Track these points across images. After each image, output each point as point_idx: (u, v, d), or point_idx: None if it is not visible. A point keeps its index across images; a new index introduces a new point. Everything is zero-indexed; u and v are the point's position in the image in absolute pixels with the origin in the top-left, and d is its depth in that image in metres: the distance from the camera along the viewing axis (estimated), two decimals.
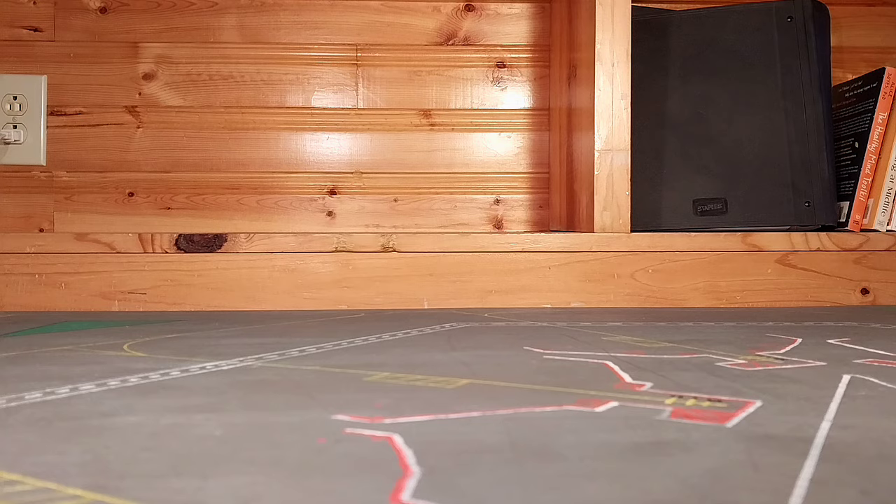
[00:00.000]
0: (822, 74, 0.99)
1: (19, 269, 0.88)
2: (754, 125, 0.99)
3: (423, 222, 1.19)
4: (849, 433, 0.31)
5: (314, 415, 0.34)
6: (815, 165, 0.97)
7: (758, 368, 0.46)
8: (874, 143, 1.03)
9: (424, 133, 1.20)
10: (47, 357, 0.52)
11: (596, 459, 0.27)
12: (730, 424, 0.32)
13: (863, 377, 0.43)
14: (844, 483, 0.24)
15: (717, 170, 1.00)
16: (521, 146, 1.21)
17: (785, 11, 0.99)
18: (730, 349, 0.54)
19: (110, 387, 0.41)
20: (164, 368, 0.46)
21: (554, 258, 0.90)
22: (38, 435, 0.31)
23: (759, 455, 0.27)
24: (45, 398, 0.38)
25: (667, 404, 0.36)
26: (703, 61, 1.01)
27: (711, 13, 1.04)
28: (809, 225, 0.97)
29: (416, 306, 0.89)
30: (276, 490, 0.24)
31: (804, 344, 0.58)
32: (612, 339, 0.61)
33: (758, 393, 0.38)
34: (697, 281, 0.91)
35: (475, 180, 1.20)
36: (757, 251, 0.92)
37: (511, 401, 0.37)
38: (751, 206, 0.99)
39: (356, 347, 0.55)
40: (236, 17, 1.16)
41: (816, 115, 0.98)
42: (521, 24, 1.21)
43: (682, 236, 0.92)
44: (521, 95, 1.21)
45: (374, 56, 1.19)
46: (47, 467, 0.26)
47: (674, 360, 0.50)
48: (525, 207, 1.21)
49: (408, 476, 0.25)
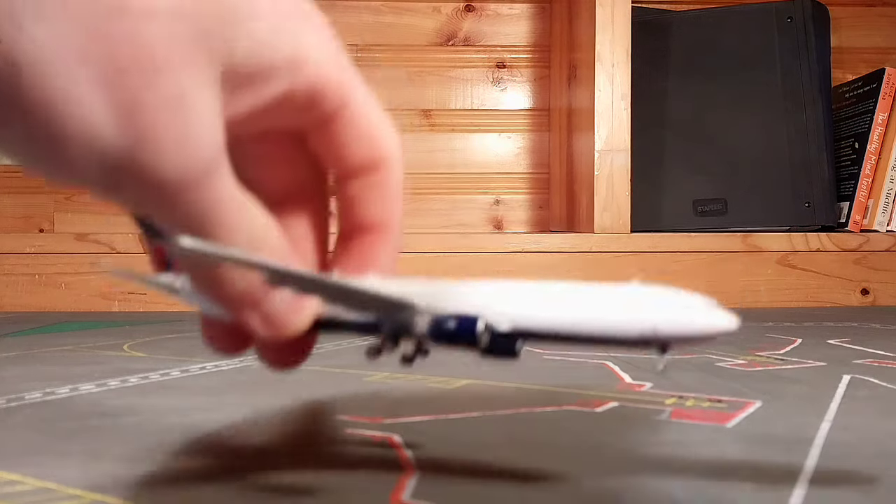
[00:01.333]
0: (822, 75, 0.99)
1: (19, 269, 0.88)
2: (754, 126, 0.99)
3: (423, 223, 1.19)
4: (849, 433, 0.31)
5: (314, 415, 0.34)
6: (815, 166, 0.97)
7: (758, 369, 0.46)
8: (874, 144, 1.03)
9: (424, 133, 1.20)
10: (47, 357, 0.52)
11: (596, 460, 0.27)
12: (730, 425, 0.32)
13: (863, 377, 0.43)
14: (844, 483, 0.24)
15: (717, 170, 1.00)
16: (521, 147, 1.21)
17: (785, 12, 0.99)
18: (730, 349, 0.54)
19: (110, 387, 0.41)
20: (164, 368, 0.46)
21: (554, 258, 0.90)
22: (38, 435, 0.31)
23: (759, 456, 0.27)
24: (45, 398, 0.38)
25: (667, 405, 0.36)
26: (703, 62, 1.01)
27: (711, 14, 1.04)
28: (809, 225, 0.97)
29: None
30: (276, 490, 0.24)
31: (804, 344, 0.58)
32: None
33: (758, 393, 0.38)
34: (697, 281, 0.91)
35: (475, 181, 1.20)
36: (757, 252, 0.92)
37: (511, 401, 0.37)
38: (751, 207, 0.99)
39: (356, 347, 0.55)
40: None
41: (816, 116, 0.98)
42: (521, 25, 1.21)
43: (682, 237, 0.92)
44: (521, 96, 1.21)
45: (374, 56, 1.19)
46: (47, 467, 0.26)
47: (674, 361, 0.50)
48: (525, 208, 1.21)
49: (408, 476, 0.25)
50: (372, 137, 0.23)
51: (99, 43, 0.16)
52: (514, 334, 0.20)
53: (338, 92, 0.22)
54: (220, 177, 0.19)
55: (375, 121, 0.23)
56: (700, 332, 0.19)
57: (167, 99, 0.17)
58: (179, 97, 0.17)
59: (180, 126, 0.17)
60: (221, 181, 0.19)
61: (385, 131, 0.23)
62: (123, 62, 0.16)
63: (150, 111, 0.17)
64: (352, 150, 0.23)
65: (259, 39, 0.19)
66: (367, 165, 0.23)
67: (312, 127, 0.22)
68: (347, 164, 0.23)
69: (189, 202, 0.18)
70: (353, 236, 0.24)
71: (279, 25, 0.20)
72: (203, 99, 0.18)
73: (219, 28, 0.18)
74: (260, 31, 0.19)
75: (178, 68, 0.17)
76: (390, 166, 0.23)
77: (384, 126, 0.23)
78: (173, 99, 0.17)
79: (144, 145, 0.17)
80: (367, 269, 0.23)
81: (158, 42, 0.17)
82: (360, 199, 0.23)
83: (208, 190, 0.18)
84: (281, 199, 0.24)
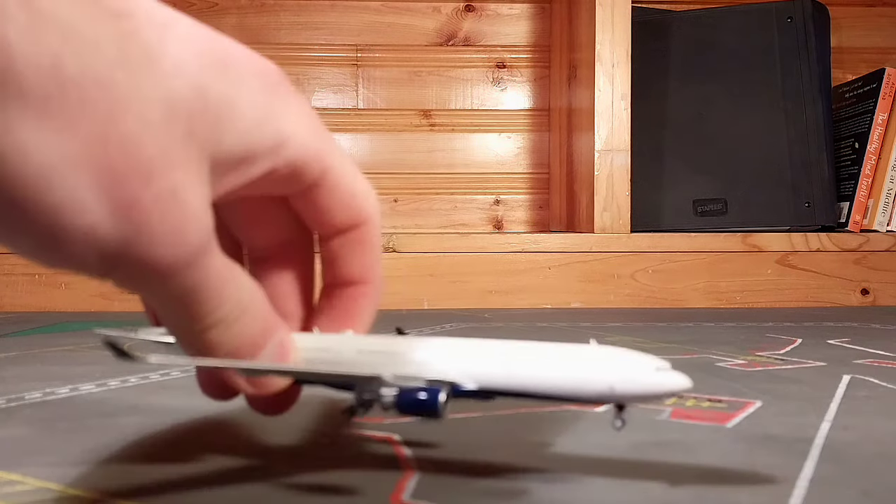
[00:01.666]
0: (822, 75, 0.99)
1: (19, 269, 0.88)
2: (754, 125, 0.99)
3: (423, 223, 1.19)
4: (849, 433, 0.31)
5: (314, 415, 0.34)
6: (815, 166, 0.97)
7: (758, 369, 0.46)
8: (874, 144, 1.03)
9: (424, 133, 1.20)
10: (47, 357, 0.52)
11: (596, 460, 0.27)
12: (730, 425, 0.32)
13: (863, 377, 0.43)
14: (844, 483, 0.24)
15: (717, 170, 1.00)
16: (521, 146, 1.21)
17: (785, 12, 0.99)
18: (730, 349, 0.54)
19: (110, 387, 0.41)
20: (164, 369, 0.46)
21: (554, 258, 0.90)
22: (38, 435, 0.31)
23: (759, 456, 0.27)
24: (45, 398, 0.38)
25: (667, 405, 0.36)
26: (703, 62, 1.01)
27: (711, 14, 1.04)
28: (809, 225, 0.97)
29: (416, 307, 0.89)
30: (276, 492, 0.24)
31: (804, 344, 0.58)
32: (613, 339, 0.61)
33: (758, 393, 0.38)
34: (697, 281, 0.91)
35: (475, 181, 1.20)
36: (757, 251, 0.92)
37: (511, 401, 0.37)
38: (751, 207, 0.99)
39: None
40: (236, 17, 1.16)
41: (816, 116, 0.98)
42: (521, 25, 1.21)
43: (682, 237, 0.92)
44: (521, 96, 1.21)
45: (375, 56, 1.19)
46: (47, 467, 0.26)
47: (674, 361, 0.50)
48: (525, 208, 1.21)
49: (408, 476, 0.25)
50: (352, 200, 0.24)
51: (98, 152, 0.17)
52: (480, 392, 0.22)
53: (318, 164, 0.23)
54: (209, 256, 0.20)
55: (354, 184, 0.24)
56: (653, 392, 0.20)
57: (160, 196, 0.18)
58: (171, 193, 0.18)
59: (172, 219, 0.18)
60: (210, 260, 0.20)
61: (364, 193, 0.25)
62: (121, 168, 0.18)
63: (144, 208, 0.18)
64: (333, 214, 0.24)
65: (243, 131, 0.20)
66: (348, 226, 0.25)
67: (295, 195, 0.24)
68: (329, 226, 0.25)
69: (180, 282, 0.19)
70: (335, 289, 0.26)
71: (261, 116, 0.21)
72: (193, 191, 0.19)
73: (206, 127, 0.19)
74: (244, 123, 0.20)
75: (171, 168, 0.18)
76: (370, 225, 0.25)
77: (363, 188, 0.25)
78: (166, 195, 0.18)
79: (139, 238, 0.18)
80: (349, 321, 0.26)
81: (153, 147, 0.18)
82: (341, 256, 0.25)
83: (197, 270, 0.20)
84: (268, 253, 0.26)
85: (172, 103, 0.18)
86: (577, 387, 0.21)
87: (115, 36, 0.18)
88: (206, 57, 0.20)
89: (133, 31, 0.18)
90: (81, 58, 0.17)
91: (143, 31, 0.18)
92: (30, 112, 0.17)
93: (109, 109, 0.17)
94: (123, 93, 0.18)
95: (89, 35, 0.17)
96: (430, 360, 0.22)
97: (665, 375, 0.20)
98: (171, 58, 0.19)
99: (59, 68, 0.17)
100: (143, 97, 0.18)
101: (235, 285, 0.21)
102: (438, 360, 0.22)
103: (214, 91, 0.20)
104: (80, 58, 0.17)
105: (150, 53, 0.18)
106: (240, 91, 0.20)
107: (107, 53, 0.17)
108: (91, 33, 0.17)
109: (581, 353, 0.21)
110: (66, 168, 0.17)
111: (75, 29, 0.17)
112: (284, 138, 0.22)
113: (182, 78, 0.19)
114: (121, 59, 0.18)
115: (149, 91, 0.18)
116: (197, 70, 0.19)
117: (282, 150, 0.22)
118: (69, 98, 0.17)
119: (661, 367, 0.21)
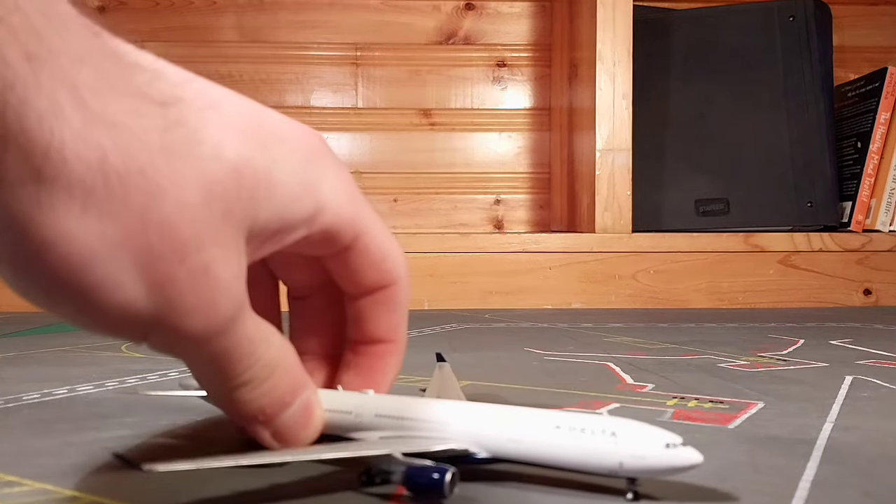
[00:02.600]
0: (824, 74, 0.98)
1: None
2: (756, 125, 0.99)
3: (423, 222, 1.19)
4: (851, 434, 0.30)
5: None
6: (818, 165, 0.97)
7: (760, 369, 0.46)
8: (877, 143, 1.03)
9: (424, 133, 1.19)
10: (45, 358, 0.52)
11: None
12: (732, 426, 0.32)
13: (865, 378, 0.43)
14: (847, 484, 0.24)
15: (718, 170, 1.00)
16: (521, 146, 1.21)
17: (787, 11, 0.98)
18: (732, 350, 0.54)
19: (108, 388, 0.41)
20: (162, 369, 0.46)
21: (555, 259, 0.90)
22: (36, 436, 0.31)
23: (761, 456, 0.27)
24: (43, 399, 0.38)
25: (668, 406, 0.35)
26: (705, 61, 1.01)
27: (713, 13, 1.03)
28: (812, 225, 0.97)
29: (417, 307, 0.89)
30: (276, 492, 0.24)
31: (806, 345, 0.57)
32: (614, 340, 0.61)
33: (760, 394, 0.38)
34: (699, 282, 0.91)
35: (475, 180, 1.20)
36: (759, 252, 0.92)
37: (512, 402, 0.36)
38: (753, 207, 0.98)
39: None
40: (235, 16, 1.16)
41: (818, 115, 0.97)
42: (521, 24, 1.21)
43: (683, 237, 0.92)
44: (521, 95, 1.21)
45: (374, 55, 1.18)
46: (46, 468, 0.26)
47: (675, 362, 0.50)
48: (526, 208, 1.20)
49: None
50: (382, 262, 0.26)
51: (136, 235, 0.18)
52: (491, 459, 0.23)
53: (351, 229, 0.24)
54: (241, 322, 0.21)
55: (385, 247, 0.26)
56: (662, 468, 0.21)
57: (193, 272, 0.19)
58: (204, 269, 0.19)
59: (204, 293, 0.19)
60: (242, 325, 0.21)
61: (394, 255, 0.26)
62: (157, 249, 0.19)
63: (178, 284, 0.19)
64: (363, 275, 0.26)
65: (280, 206, 0.21)
66: (377, 287, 0.26)
67: (328, 256, 0.25)
68: (359, 286, 0.26)
69: (211, 347, 0.21)
70: (361, 345, 0.27)
71: (299, 188, 0.22)
72: (226, 265, 0.20)
73: (243, 205, 0.20)
74: (281, 198, 0.21)
75: (206, 246, 0.19)
76: (398, 286, 0.26)
77: (393, 251, 0.26)
78: (199, 271, 0.19)
79: (172, 311, 0.19)
80: (372, 377, 0.27)
81: (189, 228, 0.19)
82: (369, 315, 0.27)
83: (228, 336, 0.21)
84: (305, 293, 0.28)
85: (210, 186, 0.19)
86: (586, 461, 0.21)
87: (160, 126, 0.19)
88: (248, 135, 0.21)
89: (177, 119, 0.19)
90: (126, 150, 0.18)
91: (186, 116, 0.19)
92: (76, 202, 0.18)
93: (149, 196, 0.18)
94: (163, 179, 0.18)
95: (135, 128, 0.18)
96: (445, 427, 0.23)
97: (675, 452, 0.21)
98: (211, 141, 0.20)
99: (105, 161, 0.18)
100: (182, 182, 0.19)
101: (266, 346, 0.22)
102: (453, 428, 0.23)
103: (253, 169, 0.20)
104: (125, 150, 0.18)
105: (191, 139, 0.19)
106: (279, 164, 0.21)
107: (150, 143, 0.18)
108: (137, 126, 0.18)
109: (593, 426, 0.21)
110: (107, 251, 0.18)
111: (122, 124, 0.18)
112: (320, 207, 0.23)
113: (221, 160, 0.20)
114: (163, 148, 0.19)
115: (188, 175, 0.19)
116: (236, 150, 0.20)
117: (318, 218, 0.23)
118: (112, 188, 0.18)
119: (672, 443, 0.21)
